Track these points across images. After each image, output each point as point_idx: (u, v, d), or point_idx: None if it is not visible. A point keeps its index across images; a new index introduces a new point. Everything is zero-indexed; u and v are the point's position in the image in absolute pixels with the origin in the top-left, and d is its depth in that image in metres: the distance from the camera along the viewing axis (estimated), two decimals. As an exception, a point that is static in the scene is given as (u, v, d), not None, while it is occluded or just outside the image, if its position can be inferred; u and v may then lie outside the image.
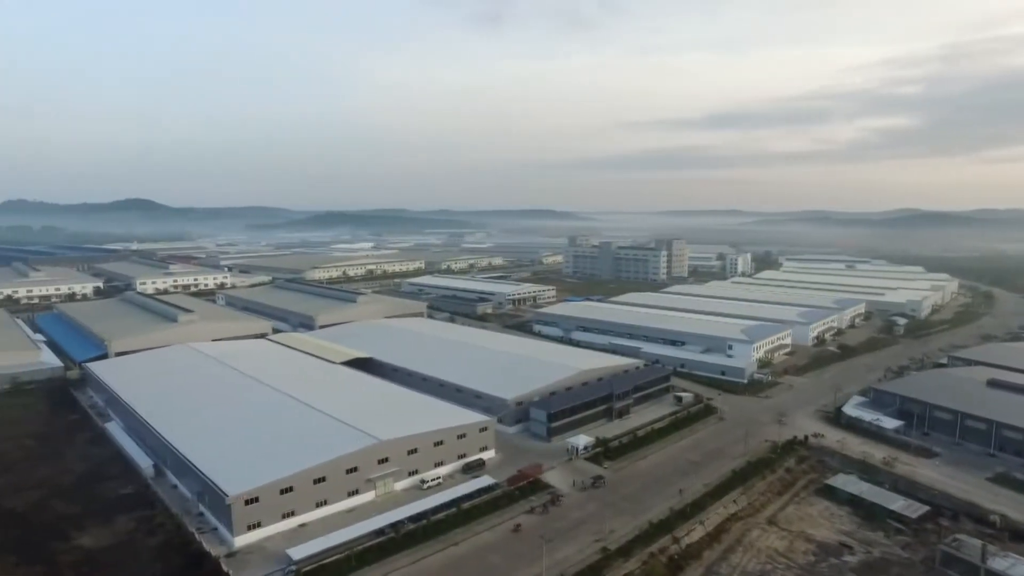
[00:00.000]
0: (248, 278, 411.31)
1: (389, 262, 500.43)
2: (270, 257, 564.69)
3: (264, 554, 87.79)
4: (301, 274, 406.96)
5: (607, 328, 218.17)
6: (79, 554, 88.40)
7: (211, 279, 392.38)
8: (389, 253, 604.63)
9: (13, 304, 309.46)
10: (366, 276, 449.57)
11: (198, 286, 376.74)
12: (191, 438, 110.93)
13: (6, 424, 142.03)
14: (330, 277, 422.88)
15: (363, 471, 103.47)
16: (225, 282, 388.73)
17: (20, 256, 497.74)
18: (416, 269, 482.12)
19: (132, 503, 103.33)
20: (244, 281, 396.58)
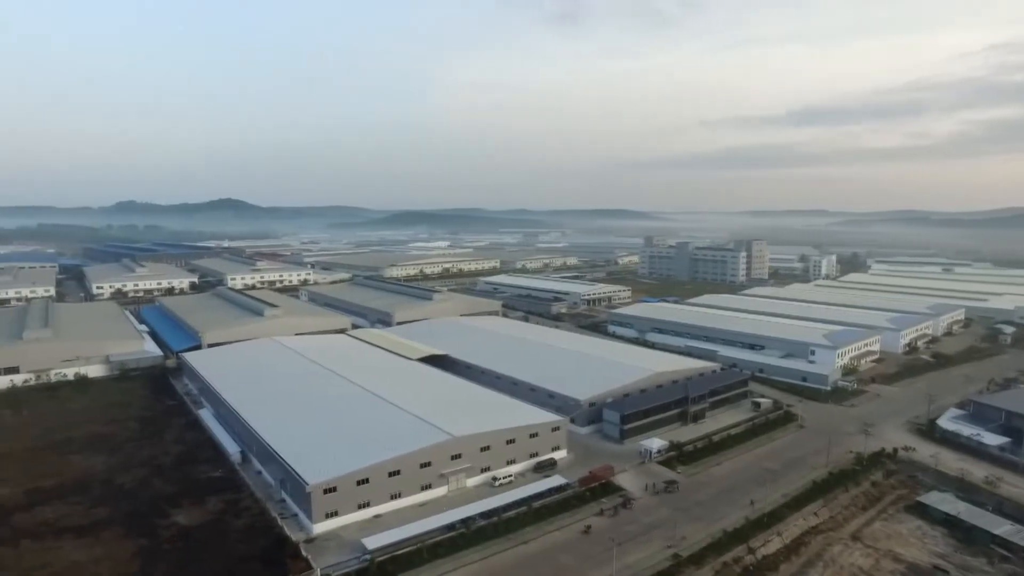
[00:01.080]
0: (329, 275, 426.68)
1: (465, 261, 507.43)
2: (350, 255, 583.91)
3: (340, 542, 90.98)
4: (379, 272, 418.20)
5: (683, 330, 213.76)
6: (175, 530, 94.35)
7: (295, 276, 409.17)
8: (465, 252, 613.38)
9: (122, 297, 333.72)
10: (442, 274, 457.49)
11: (283, 282, 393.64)
12: (275, 427, 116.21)
13: (116, 407, 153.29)
14: (407, 275, 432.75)
15: (436, 466, 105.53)
16: (308, 279, 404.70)
17: (128, 253, 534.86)
18: (491, 268, 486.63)
19: (221, 486, 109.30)
20: (325, 278, 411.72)
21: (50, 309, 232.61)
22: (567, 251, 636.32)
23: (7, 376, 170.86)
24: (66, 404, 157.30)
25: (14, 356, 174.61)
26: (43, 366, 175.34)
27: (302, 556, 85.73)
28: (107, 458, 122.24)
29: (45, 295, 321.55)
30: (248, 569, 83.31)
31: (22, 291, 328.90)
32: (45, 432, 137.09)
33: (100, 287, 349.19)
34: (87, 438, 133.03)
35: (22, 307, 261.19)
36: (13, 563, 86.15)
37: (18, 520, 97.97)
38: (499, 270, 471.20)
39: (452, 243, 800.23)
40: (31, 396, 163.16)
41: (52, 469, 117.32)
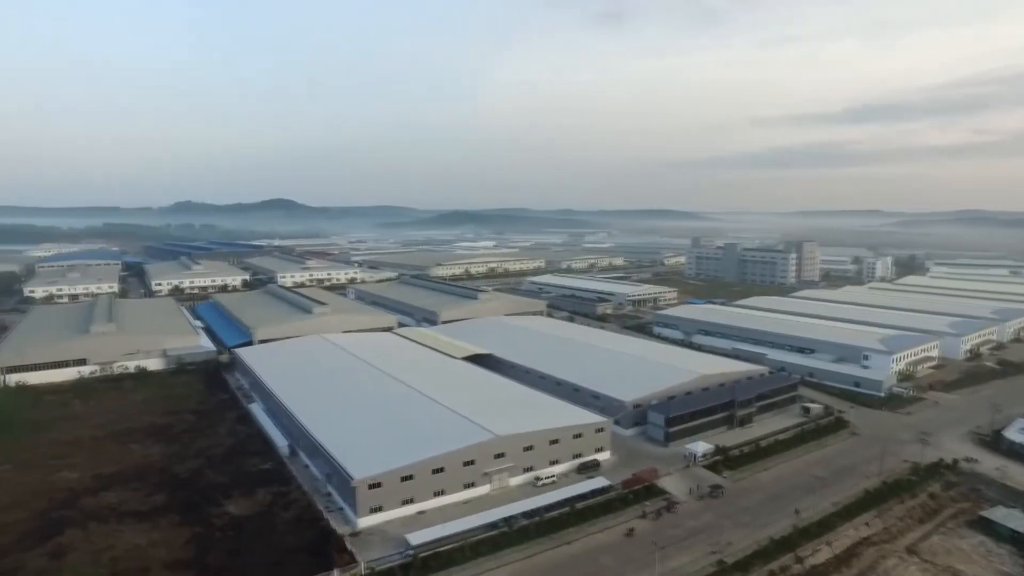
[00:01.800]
0: (376, 274, 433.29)
1: (510, 260, 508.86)
2: (397, 254, 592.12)
3: (384, 536, 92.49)
4: (425, 271, 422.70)
5: (730, 332, 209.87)
6: (227, 519, 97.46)
7: (343, 274, 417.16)
8: (510, 252, 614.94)
9: (179, 293, 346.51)
10: (487, 274, 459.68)
11: (331, 280, 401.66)
12: (322, 422, 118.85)
13: (173, 399, 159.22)
14: (453, 274, 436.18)
15: (480, 465, 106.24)
16: (355, 277, 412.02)
17: (185, 251, 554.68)
18: (536, 268, 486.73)
19: (270, 478, 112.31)
20: (373, 277, 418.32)
21: (114, 305, 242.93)
22: (613, 251, 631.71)
23: (76, 367, 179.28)
24: (128, 395, 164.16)
25: (83, 348, 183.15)
26: (108, 358, 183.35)
27: (347, 549, 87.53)
28: (164, 448, 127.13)
29: (110, 291, 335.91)
30: (295, 560, 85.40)
31: (90, 287, 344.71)
32: (109, 421, 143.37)
33: (159, 284, 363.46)
34: (146, 428, 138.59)
35: (89, 302, 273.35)
36: (82, 543, 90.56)
37: (85, 503, 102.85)
38: (544, 270, 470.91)
39: (498, 243, 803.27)
40: (97, 387, 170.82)
41: (115, 457, 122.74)
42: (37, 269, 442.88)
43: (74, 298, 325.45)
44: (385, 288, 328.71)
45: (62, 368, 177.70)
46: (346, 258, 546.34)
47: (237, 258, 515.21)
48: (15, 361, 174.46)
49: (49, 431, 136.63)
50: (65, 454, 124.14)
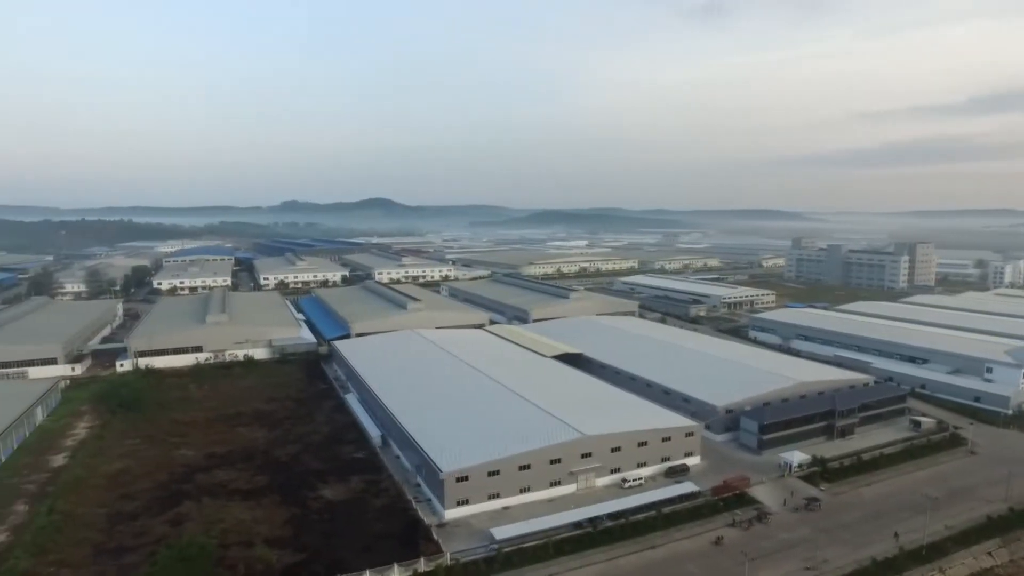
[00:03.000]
0: (469, 271, 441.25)
1: (602, 260, 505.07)
2: (490, 252, 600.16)
3: (470, 529, 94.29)
4: (518, 269, 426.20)
5: (832, 338, 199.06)
6: (322, 503, 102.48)
7: (437, 271, 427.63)
8: (603, 251, 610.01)
9: (284, 288, 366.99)
10: (579, 273, 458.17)
11: (425, 277, 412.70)
12: (413, 415, 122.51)
13: (277, 387, 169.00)
14: (545, 273, 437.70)
15: (566, 463, 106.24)
16: (449, 275, 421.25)
17: (290, 248, 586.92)
18: (629, 268, 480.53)
19: (363, 467, 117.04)
20: (466, 274, 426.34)
21: (227, 297, 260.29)
22: (708, 252, 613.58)
23: (193, 354, 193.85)
24: (237, 381, 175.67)
25: (199, 337, 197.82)
26: (220, 347, 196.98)
27: (433, 539, 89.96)
28: (267, 432, 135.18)
29: (223, 284, 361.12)
30: (384, 546, 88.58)
31: (206, 280, 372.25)
32: (220, 405, 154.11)
33: (266, 278, 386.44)
34: (252, 413, 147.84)
35: (206, 294, 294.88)
36: (197, 515, 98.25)
37: (199, 479, 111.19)
38: (637, 270, 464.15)
39: (590, 242, 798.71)
40: (210, 372, 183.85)
41: (225, 438, 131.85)
42: (163, 263, 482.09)
43: (193, 290, 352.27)
44: (478, 286, 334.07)
45: (182, 354, 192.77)
46: (440, 256, 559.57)
47: (337, 255, 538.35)
48: (144, 346, 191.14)
49: (170, 411, 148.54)
50: (183, 433, 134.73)
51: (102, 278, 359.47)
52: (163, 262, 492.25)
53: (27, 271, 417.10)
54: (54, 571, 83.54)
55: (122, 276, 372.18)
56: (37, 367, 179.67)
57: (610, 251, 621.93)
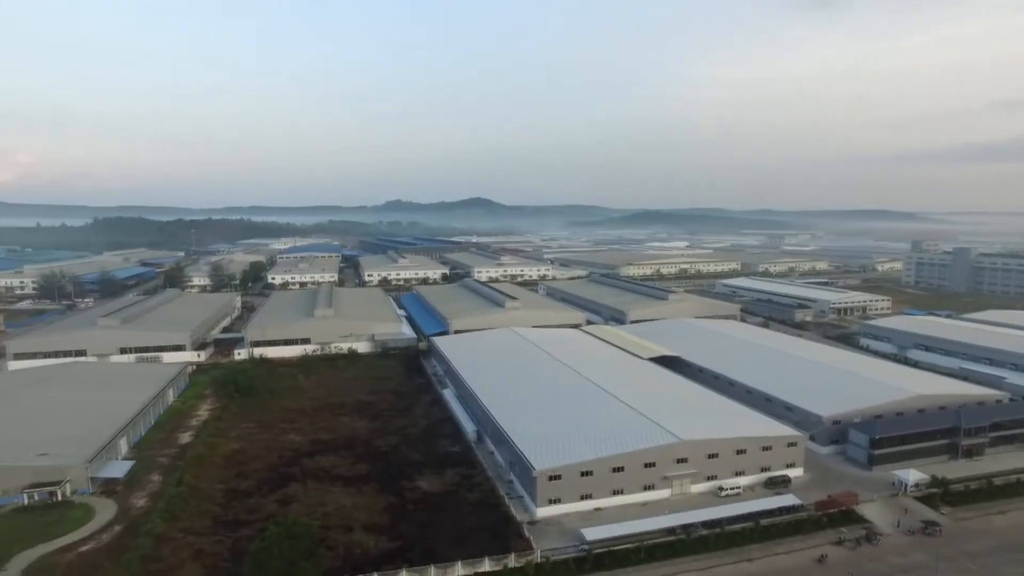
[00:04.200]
0: (567, 271, 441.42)
1: (703, 262, 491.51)
2: (588, 252, 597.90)
3: (561, 528, 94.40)
4: (615, 270, 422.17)
5: (957, 349, 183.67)
6: (418, 494, 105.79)
7: (534, 271, 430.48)
8: (703, 253, 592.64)
9: (387, 284, 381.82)
10: (679, 275, 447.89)
11: (523, 276, 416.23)
12: (508, 411, 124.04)
13: (379, 380, 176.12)
14: (643, 274, 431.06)
15: (660, 468, 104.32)
16: (546, 274, 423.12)
17: (393, 246, 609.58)
18: (731, 270, 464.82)
19: (458, 460, 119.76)
20: (563, 274, 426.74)
21: (333, 292, 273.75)
22: (816, 255, 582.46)
23: (302, 346, 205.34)
24: (341, 373, 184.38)
25: (307, 329, 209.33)
26: (326, 339, 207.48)
27: (524, 536, 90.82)
28: (368, 423, 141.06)
29: (330, 280, 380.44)
30: (476, 539, 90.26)
31: (315, 276, 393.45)
32: (325, 395, 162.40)
33: (370, 275, 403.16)
34: (355, 404, 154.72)
35: (314, 289, 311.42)
36: (302, 496, 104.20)
37: (305, 464, 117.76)
38: (739, 272, 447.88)
39: (690, 243, 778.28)
40: (317, 364, 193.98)
41: (329, 426, 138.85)
42: (277, 260, 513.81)
43: (303, 285, 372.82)
44: (575, 285, 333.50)
45: (291, 345, 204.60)
46: (538, 255, 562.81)
47: (438, 253, 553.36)
48: (258, 337, 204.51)
49: (281, 399, 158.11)
50: (291, 419, 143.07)
51: (224, 273, 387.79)
52: (277, 258, 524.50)
53: (162, 266, 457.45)
54: (182, 536, 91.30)
55: (241, 271, 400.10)
56: (169, 352, 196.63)
57: (711, 253, 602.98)
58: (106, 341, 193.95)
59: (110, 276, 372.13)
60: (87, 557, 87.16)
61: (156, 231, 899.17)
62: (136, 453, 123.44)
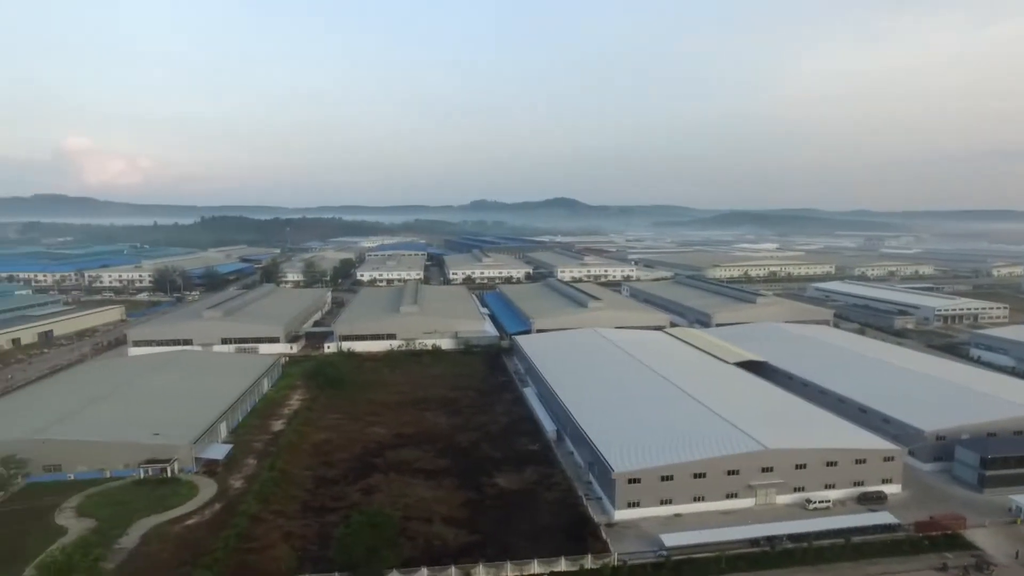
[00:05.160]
0: (651, 272, 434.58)
1: (794, 264, 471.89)
2: (672, 253, 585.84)
3: (639, 532, 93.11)
4: (701, 271, 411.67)
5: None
6: (496, 490, 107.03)
7: (618, 271, 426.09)
8: (795, 255, 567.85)
9: (471, 283, 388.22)
10: (768, 278, 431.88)
11: (606, 277, 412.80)
12: (588, 412, 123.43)
13: (461, 376, 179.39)
14: (730, 276, 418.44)
15: (744, 476, 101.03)
16: (630, 275, 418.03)
17: (477, 245, 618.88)
18: (824, 273, 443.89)
19: (537, 459, 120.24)
20: (647, 275, 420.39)
21: (419, 290, 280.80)
22: (919, 258, 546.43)
23: (388, 341, 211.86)
24: (425, 369, 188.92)
25: (393, 325, 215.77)
26: (411, 335, 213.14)
27: (601, 538, 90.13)
28: (450, 419, 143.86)
29: (416, 278, 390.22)
30: (552, 538, 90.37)
31: (401, 274, 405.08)
32: (409, 389, 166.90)
33: (455, 273, 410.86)
34: (438, 399, 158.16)
35: (400, 287, 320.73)
36: (385, 487, 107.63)
37: (388, 456, 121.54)
38: (833, 276, 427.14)
39: (781, 245, 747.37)
40: (402, 359, 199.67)
41: (412, 420, 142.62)
42: (366, 257, 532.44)
43: (390, 282, 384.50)
44: (659, 287, 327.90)
45: (378, 340, 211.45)
46: (622, 256, 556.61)
47: (521, 252, 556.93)
48: (347, 332, 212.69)
49: (367, 392, 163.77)
50: (376, 412, 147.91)
51: (316, 269, 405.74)
52: (365, 256, 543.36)
53: (260, 262, 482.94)
54: (273, 518, 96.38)
55: (332, 268, 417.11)
56: (265, 344, 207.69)
57: (803, 255, 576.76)
58: (210, 332, 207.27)
59: (214, 271, 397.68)
60: (192, 530, 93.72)
61: (255, 229, 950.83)
62: (234, 437, 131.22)
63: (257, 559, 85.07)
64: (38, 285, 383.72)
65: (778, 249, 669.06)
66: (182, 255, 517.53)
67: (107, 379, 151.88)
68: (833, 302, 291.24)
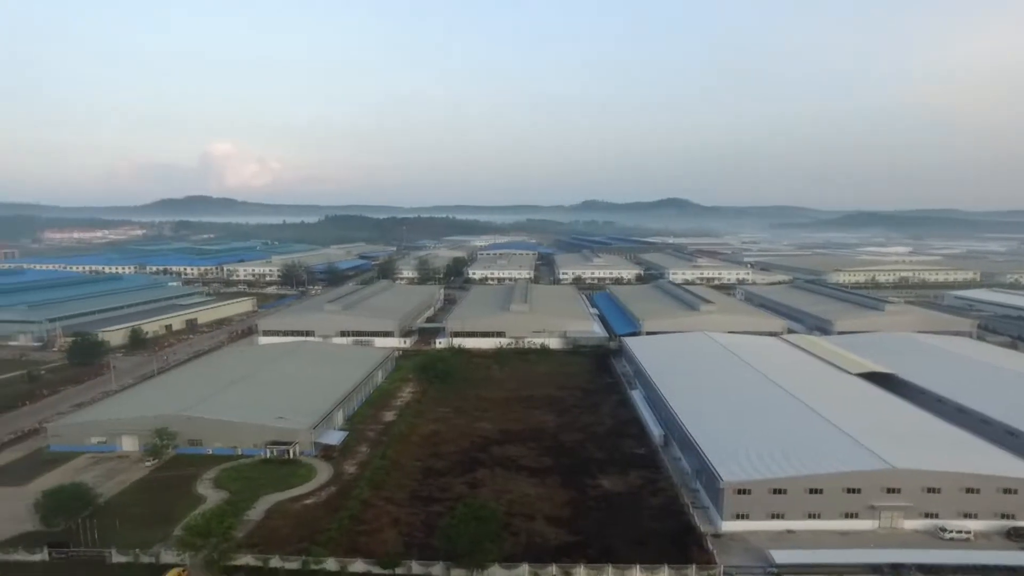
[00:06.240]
0: (767, 276, 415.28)
1: (929, 270, 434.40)
2: (790, 256, 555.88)
3: (747, 546, 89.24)
4: (822, 276, 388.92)
5: None
6: (599, 492, 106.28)
7: (732, 274, 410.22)
8: (930, 260, 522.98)
9: (580, 283, 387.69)
10: (898, 284, 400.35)
11: (720, 280, 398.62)
12: (696, 418, 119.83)
13: (568, 376, 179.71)
14: (855, 281, 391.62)
15: (866, 496, 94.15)
16: (745, 278, 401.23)
17: (587, 245, 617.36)
18: (966, 280, 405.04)
19: (642, 463, 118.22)
20: (763, 278, 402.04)
21: (528, 289, 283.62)
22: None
23: (496, 338, 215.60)
24: (532, 367, 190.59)
25: (503, 323, 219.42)
26: (520, 334, 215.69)
27: (707, 549, 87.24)
28: (556, 417, 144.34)
29: (526, 277, 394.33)
30: (655, 544, 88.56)
31: (511, 272, 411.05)
32: (516, 387, 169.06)
33: (564, 273, 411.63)
34: (544, 398, 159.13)
35: (510, 285, 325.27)
36: (489, 482, 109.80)
37: (494, 451, 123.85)
38: (977, 283, 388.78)
39: (914, 249, 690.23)
40: (510, 357, 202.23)
41: (518, 417, 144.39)
42: (477, 256, 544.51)
43: (500, 281, 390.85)
44: (776, 291, 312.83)
45: (487, 337, 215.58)
46: (737, 258, 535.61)
47: (632, 253, 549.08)
48: (458, 328, 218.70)
49: (475, 388, 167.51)
50: (484, 408, 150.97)
51: (429, 267, 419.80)
52: (477, 255, 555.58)
53: (377, 259, 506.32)
54: (383, 504, 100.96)
55: (444, 266, 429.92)
56: (380, 338, 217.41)
57: (940, 260, 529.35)
58: (330, 324, 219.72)
59: (335, 267, 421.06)
60: (310, 509, 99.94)
61: (373, 227, 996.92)
62: (349, 425, 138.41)
63: (367, 541, 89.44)
64: (186, 277, 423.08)
65: (911, 253, 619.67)
66: (306, 251, 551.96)
67: (240, 365, 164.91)
68: (977, 312, 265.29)
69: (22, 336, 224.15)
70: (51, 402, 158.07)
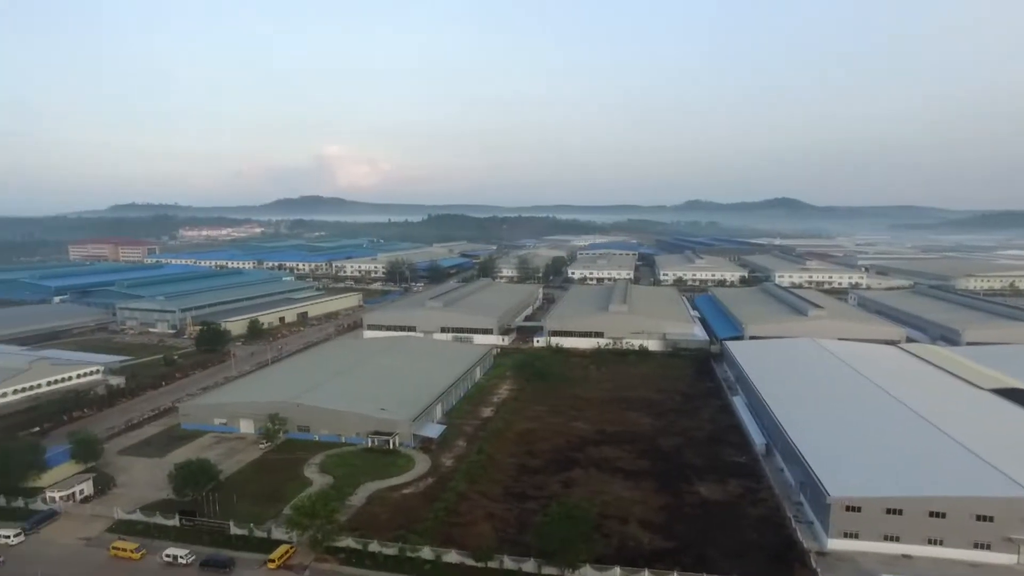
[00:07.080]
0: (884, 280, 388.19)
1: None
2: (913, 260, 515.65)
3: (855, 568, 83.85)
4: (949, 281, 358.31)
5: None
6: (696, 499, 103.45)
7: (845, 278, 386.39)
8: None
9: (681, 284, 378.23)
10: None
11: (831, 284, 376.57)
12: (802, 428, 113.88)
13: (666, 379, 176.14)
14: (989, 288, 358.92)
15: (1001, 526, 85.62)
16: (859, 282, 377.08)
17: (690, 246, 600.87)
18: None
19: (742, 472, 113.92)
20: (880, 283, 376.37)
21: (628, 289, 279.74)
22: None
23: (595, 338, 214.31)
24: (630, 368, 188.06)
25: (601, 324, 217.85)
26: (619, 334, 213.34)
27: (811, 567, 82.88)
28: (653, 420, 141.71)
29: (626, 277, 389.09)
30: (755, 557, 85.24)
31: (611, 272, 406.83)
32: (614, 388, 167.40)
33: (665, 274, 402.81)
34: (641, 400, 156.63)
35: (609, 285, 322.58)
36: (584, 482, 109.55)
37: (589, 451, 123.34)
38: None
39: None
40: (608, 357, 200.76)
41: (615, 418, 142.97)
42: (577, 255, 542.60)
43: (599, 281, 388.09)
44: (894, 297, 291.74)
45: (585, 337, 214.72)
46: (851, 261, 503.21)
47: (736, 255, 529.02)
48: (556, 327, 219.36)
49: (572, 387, 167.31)
50: (580, 408, 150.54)
51: (529, 266, 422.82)
52: (577, 254, 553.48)
53: (478, 257, 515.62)
54: (478, 498, 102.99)
55: (544, 265, 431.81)
56: (479, 335, 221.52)
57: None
58: (431, 320, 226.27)
59: (437, 265, 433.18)
60: (408, 498, 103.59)
61: (474, 226, 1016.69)
62: (448, 419, 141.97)
63: (462, 533, 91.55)
64: (298, 273, 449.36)
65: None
66: (410, 249, 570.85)
67: (346, 357, 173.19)
68: None
69: (160, 324, 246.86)
70: (183, 384, 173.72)
